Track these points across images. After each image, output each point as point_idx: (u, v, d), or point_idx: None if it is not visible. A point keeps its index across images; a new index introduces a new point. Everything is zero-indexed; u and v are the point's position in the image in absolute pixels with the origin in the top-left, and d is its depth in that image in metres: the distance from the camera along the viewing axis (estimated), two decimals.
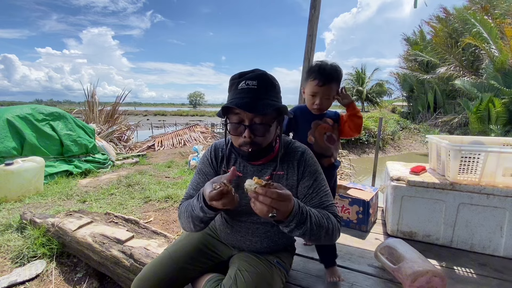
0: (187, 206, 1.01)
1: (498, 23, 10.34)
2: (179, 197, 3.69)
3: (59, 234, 2.25)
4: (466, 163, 1.42)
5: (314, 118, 1.36)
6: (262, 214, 0.76)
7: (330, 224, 0.94)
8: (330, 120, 1.36)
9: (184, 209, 1.03)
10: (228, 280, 1.00)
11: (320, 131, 1.35)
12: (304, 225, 0.86)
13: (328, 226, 0.93)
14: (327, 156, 1.35)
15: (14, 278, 2.00)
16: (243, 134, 0.94)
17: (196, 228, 1.01)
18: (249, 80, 0.93)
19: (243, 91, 0.92)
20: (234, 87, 0.95)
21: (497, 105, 9.07)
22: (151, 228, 2.30)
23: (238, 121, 0.95)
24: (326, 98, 1.29)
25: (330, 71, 1.25)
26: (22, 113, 4.32)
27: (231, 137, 1.03)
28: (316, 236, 0.90)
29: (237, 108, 0.91)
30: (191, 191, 1.12)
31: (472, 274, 1.31)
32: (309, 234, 0.88)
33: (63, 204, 3.41)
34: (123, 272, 1.88)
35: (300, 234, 0.89)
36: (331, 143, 1.35)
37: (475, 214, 1.45)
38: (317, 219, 0.90)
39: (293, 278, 1.28)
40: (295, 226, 0.85)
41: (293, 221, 0.84)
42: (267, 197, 0.75)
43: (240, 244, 1.15)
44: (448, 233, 1.51)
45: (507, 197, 1.37)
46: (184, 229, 1.08)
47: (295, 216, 0.83)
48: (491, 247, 1.45)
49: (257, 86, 0.92)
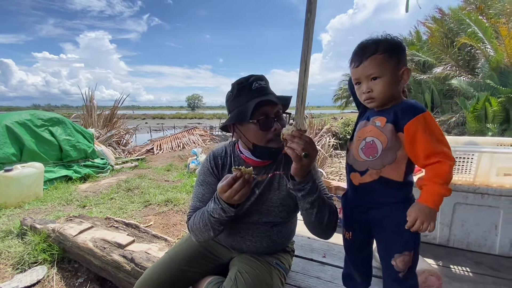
0: (202, 215, 1.03)
1: (493, 23, 10.42)
2: (179, 201, 3.70)
3: (60, 239, 2.26)
4: (460, 164, 1.45)
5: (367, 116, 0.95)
6: (297, 153, 0.85)
7: (333, 207, 1.02)
8: (383, 119, 0.87)
9: (198, 220, 1.04)
10: (229, 282, 1.02)
11: (359, 135, 0.93)
12: (316, 194, 0.94)
13: (331, 207, 1.01)
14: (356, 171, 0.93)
15: (15, 284, 2.01)
16: (273, 127, 1.01)
17: (215, 233, 1.03)
18: (258, 80, 1.03)
19: (258, 90, 1.02)
20: (247, 88, 1.03)
21: (493, 104, 9.12)
22: (151, 232, 2.31)
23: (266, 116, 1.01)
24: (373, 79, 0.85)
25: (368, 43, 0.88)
26: (21, 119, 4.33)
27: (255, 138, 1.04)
28: (322, 213, 0.97)
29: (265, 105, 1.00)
30: (197, 203, 1.14)
31: (468, 272, 1.34)
32: (317, 205, 0.95)
33: (63, 209, 3.42)
34: (124, 277, 1.89)
35: (311, 202, 0.94)
36: (369, 154, 0.89)
37: (471, 213, 1.47)
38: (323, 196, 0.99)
39: (292, 279, 1.30)
40: (309, 190, 0.93)
41: (309, 182, 0.92)
42: (302, 140, 0.85)
43: (240, 245, 1.17)
44: (444, 232, 1.54)
45: (501, 196, 1.40)
46: (199, 240, 1.09)
47: (311, 177, 0.93)
48: (486, 246, 1.48)
49: (265, 84, 1.05)
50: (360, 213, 0.97)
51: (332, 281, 1.29)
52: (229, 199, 0.89)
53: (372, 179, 0.89)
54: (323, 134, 7.13)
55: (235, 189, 0.87)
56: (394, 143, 0.84)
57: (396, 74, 0.85)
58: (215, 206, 0.96)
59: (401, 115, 0.83)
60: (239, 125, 1.06)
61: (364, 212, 0.96)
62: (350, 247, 1.06)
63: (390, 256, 0.90)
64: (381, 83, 0.84)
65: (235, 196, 0.88)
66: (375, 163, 0.88)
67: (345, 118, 12.75)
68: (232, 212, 0.95)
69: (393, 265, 0.89)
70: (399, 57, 0.85)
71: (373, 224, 0.95)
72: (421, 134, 0.79)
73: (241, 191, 0.88)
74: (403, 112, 0.83)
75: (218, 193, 0.93)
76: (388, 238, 0.92)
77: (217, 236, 1.05)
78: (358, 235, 1.00)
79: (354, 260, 1.07)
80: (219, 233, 1.04)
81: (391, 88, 0.85)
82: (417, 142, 0.80)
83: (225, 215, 0.95)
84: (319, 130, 7.37)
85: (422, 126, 0.79)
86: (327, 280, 1.30)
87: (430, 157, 0.79)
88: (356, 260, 1.07)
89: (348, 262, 1.10)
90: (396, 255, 0.88)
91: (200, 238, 1.07)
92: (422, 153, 0.80)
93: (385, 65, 0.84)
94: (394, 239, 0.89)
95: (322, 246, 1.61)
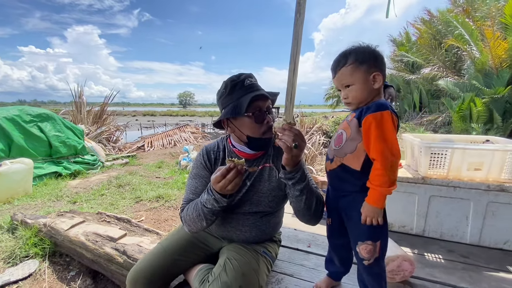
0: (195, 206, 1.08)
1: (479, 25, 10.72)
2: (170, 197, 3.74)
3: (51, 233, 2.28)
4: (435, 159, 1.56)
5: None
6: (287, 144, 0.93)
7: (320, 195, 1.11)
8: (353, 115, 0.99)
9: (191, 211, 1.09)
10: (218, 268, 1.09)
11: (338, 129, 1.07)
12: (305, 182, 1.02)
13: (318, 195, 1.09)
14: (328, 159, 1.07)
15: (7, 277, 2.03)
16: (266, 120, 1.10)
17: (207, 223, 1.08)
18: (249, 78, 1.12)
19: (250, 86, 1.10)
20: (240, 85, 1.10)
21: (478, 104, 9.40)
22: (143, 226, 2.36)
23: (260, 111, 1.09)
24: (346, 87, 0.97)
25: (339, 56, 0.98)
26: (9, 115, 4.27)
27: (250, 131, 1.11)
28: (310, 199, 1.05)
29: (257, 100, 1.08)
30: (190, 195, 1.19)
31: (440, 259, 1.45)
32: (306, 193, 1.03)
33: (53, 205, 3.42)
34: (117, 269, 1.94)
35: (300, 189, 1.03)
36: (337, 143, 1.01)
37: (444, 205, 1.58)
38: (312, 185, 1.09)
39: (278, 267, 1.38)
40: (299, 179, 1.01)
41: (299, 171, 1.00)
42: (292, 132, 0.94)
43: (230, 235, 1.24)
44: (420, 223, 1.65)
45: (471, 189, 1.51)
46: (191, 230, 1.14)
47: (301, 166, 1.01)
48: (458, 235, 1.59)
49: (256, 81, 1.14)
50: (335, 201, 1.07)
51: (315, 268, 1.37)
52: (222, 189, 0.95)
53: (337, 166, 1.01)
54: (314, 132, 7.26)
55: (228, 179, 0.93)
56: (355, 136, 0.95)
57: (367, 79, 0.93)
58: (208, 197, 1.02)
59: (365, 111, 0.91)
60: (233, 119, 1.13)
61: (337, 199, 1.06)
62: (330, 232, 1.15)
63: (355, 244, 0.99)
64: (354, 89, 0.95)
65: (228, 186, 0.94)
66: (339, 152, 1.00)
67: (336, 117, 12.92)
68: (224, 202, 1.01)
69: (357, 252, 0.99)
70: (369, 64, 0.93)
71: (343, 212, 1.04)
72: (373, 129, 0.87)
73: (234, 181, 0.94)
74: (367, 108, 0.91)
75: (211, 184, 0.99)
76: (353, 226, 1.01)
77: (209, 226, 1.11)
78: (336, 221, 1.09)
79: (333, 245, 1.17)
80: (211, 223, 1.10)
81: (363, 92, 0.95)
82: (369, 137, 0.88)
83: (218, 206, 1.01)
84: (309, 128, 7.49)
85: (376, 123, 0.87)
86: (311, 268, 1.38)
87: (372, 152, 0.89)
88: (335, 245, 1.16)
89: (329, 247, 1.19)
90: (359, 242, 0.98)
91: (193, 229, 1.12)
92: (368, 147, 0.90)
93: (354, 74, 0.94)
94: (357, 228, 0.98)
95: (307, 237, 1.70)
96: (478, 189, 1.50)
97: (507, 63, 9.17)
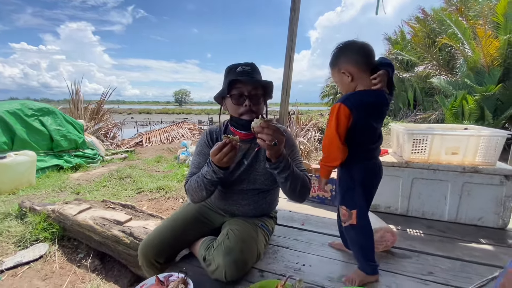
0: (197, 178, 1.23)
1: (472, 24, 10.91)
2: (170, 188, 3.87)
3: (60, 219, 2.41)
4: (417, 145, 1.72)
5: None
6: (267, 142, 1.02)
7: (305, 178, 1.24)
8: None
9: (193, 182, 1.24)
10: (221, 236, 1.23)
11: None
12: (289, 170, 1.15)
13: (303, 179, 1.22)
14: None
15: (18, 259, 2.16)
16: (244, 103, 1.20)
17: (207, 193, 1.23)
18: (244, 66, 1.22)
19: (240, 73, 1.21)
20: (232, 71, 1.22)
21: (470, 102, 9.59)
22: (147, 212, 2.49)
23: (239, 93, 1.20)
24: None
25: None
26: (12, 109, 4.36)
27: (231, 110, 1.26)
28: (294, 184, 1.18)
29: (238, 83, 1.19)
30: (193, 169, 1.34)
31: (420, 233, 1.61)
32: (291, 179, 1.16)
33: (57, 195, 3.53)
34: (124, 249, 2.07)
35: (285, 177, 1.16)
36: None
37: (425, 186, 1.74)
38: (296, 170, 1.21)
39: (275, 241, 1.53)
40: (283, 168, 1.13)
41: (282, 162, 1.12)
42: (270, 129, 1.02)
43: (231, 208, 1.38)
44: (404, 203, 1.81)
45: (449, 172, 1.67)
46: (194, 200, 1.30)
47: (284, 157, 1.13)
48: (437, 214, 1.76)
49: (250, 70, 1.22)
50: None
51: (308, 242, 1.52)
52: (219, 161, 1.09)
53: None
54: (309, 128, 7.41)
55: (224, 152, 1.07)
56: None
57: (341, 77, 1.11)
58: (207, 169, 1.16)
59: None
60: (225, 100, 1.27)
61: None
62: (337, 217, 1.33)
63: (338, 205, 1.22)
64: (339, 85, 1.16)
65: (224, 159, 1.08)
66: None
67: None
68: (221, 174, 1.15)
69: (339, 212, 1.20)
70: (336, 64, 1.12)
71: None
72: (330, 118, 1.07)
73: (228, 154, 1.07)
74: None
75: (210, 157, 1.13)
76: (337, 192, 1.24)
77: (209, 196, 1.26)
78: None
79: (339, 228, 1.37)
80: (210, 194, 1.24)
81: (343, 88, 1.14)
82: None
83: (216, 176, 1.15)
84: (305, 125, 7.64)
85: (332, 113, 1.06)
86: (304, 241, 1.53)
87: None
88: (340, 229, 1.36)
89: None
90: (339, 205, 1.19)
91: (195, 198, 1.27)
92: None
93: (333, 75, 1.17)
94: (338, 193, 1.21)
95: (301, 217, 1.85)
96: (455, 171, 1.66)
97: (498, 61, 9.38)
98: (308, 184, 1.27)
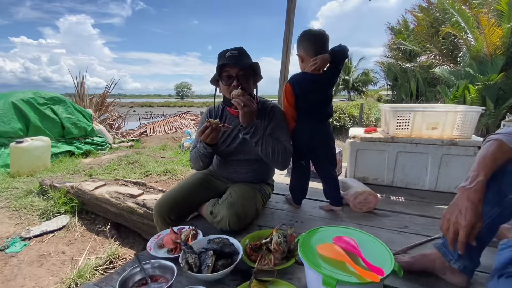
0: (195, 151, 1.47)
1: (475, 13, 10.81)
2: (176, 171, 4.10)
3: (79, 194, 2.65)
4: (401, 121, 1.90)
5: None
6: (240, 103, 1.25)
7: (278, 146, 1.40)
8: None
9: (193, 153, 1.50)
10: (225, 195, 1.45)
11: None
12: (258, 136, 1.34)
13: (275, 147, 1.38)
14: None
15: (44, 228, 2.40)
16: (233, 83, 1.37)
17: (204, 164, 1.48)
18: (232, 51, 1.40)
19: (228, 57, 1.38)
20: (223, 56, 1.40)
21: (471, 92, 9.59)
22: (157, 188, 2.72)
23: (228, 75, 1.39)
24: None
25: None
26: (25, 97, 4.59)
27: (223, 91, 1.45)
28: (266, 150, 1.37)
29: (227, 67, 1.37)
30: (195, 143, 1.56)
31: (401, 199, 1.80)
32: (261, 144, 1.36)
33: (72, 177, 3.77)
34: (138, 219, 2.31)
35: (255, 142, 1.36)
36: None
37: (408, 159, 1.93)
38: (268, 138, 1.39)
39: (272, 205, 1.74)
40: (253, 133, 1.33)
41: (252, 127, 1.33)
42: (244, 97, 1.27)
43: (232, 176, 1.59)
44: (390, 175, 2.00)
45: (429, 145, 1.85)
46: (195, 167, 1.54)
47: (255, 124, 1.33)
48: (419, 184, 1.95)
49: (237, 54, 1.40)
50: None
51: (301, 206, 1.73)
52: (204, 140, 1.33)
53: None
54: None
55: (206, 133, 1.30)
56: None
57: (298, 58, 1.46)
58: (200, 145, 1.41)
59: None
60: (219, 83, 1.46)
61: None
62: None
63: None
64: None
65: (207, 139, 1.32)
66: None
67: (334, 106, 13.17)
68: (209, 149, 1.38)
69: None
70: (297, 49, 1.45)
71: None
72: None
73: (210, 135, 1.30)
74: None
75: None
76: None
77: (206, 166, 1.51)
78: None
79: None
80: (207, 164, 1.49)
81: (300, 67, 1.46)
82: None
83: (206, 151, 1.40)
84: None
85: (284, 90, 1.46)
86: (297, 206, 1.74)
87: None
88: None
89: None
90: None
91: (195, 166, 1.53)
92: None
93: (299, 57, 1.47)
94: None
95: None
96: (435, 144, 1.84)
97: (501, 50, 9.34)
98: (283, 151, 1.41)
